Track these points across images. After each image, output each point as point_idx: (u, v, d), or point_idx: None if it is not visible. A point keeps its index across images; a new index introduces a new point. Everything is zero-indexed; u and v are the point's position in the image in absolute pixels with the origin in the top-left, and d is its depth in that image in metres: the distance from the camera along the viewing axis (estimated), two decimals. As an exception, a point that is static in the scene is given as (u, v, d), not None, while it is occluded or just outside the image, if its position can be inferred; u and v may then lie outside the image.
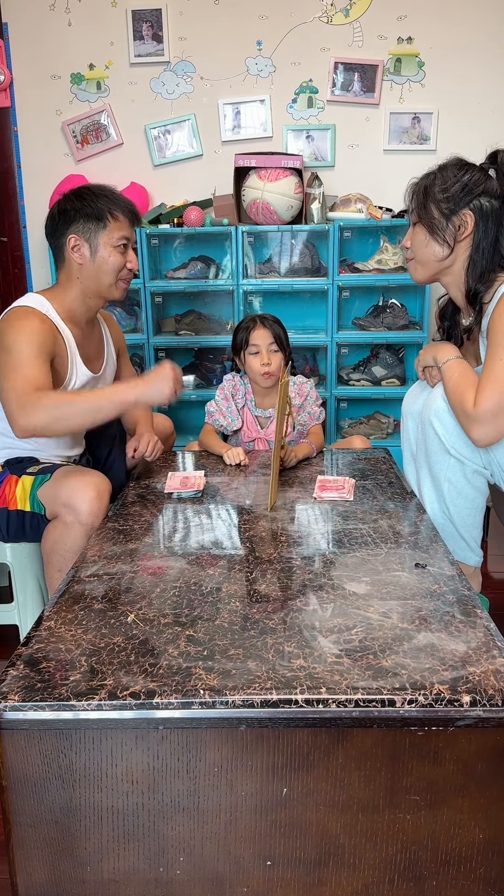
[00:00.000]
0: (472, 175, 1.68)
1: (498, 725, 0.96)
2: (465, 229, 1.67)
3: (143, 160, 3.23)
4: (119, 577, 1.33)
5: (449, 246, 1.70)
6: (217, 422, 2.25)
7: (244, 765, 0.98)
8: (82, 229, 1.85)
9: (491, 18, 3.03)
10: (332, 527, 1.56)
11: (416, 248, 1.77)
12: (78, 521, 1.65)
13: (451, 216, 1.68)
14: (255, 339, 2.19)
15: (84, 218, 1.85)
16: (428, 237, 1.72)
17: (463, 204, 1.67)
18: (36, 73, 3.16)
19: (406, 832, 1.00)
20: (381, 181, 3.16)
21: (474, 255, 1.68)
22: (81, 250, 1.86)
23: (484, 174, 1.69)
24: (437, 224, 1.70)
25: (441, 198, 1.68)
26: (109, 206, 1.87)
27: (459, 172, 1.69)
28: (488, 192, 1.66)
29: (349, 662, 1.03)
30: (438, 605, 1.20)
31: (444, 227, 1.69)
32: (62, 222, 1.86)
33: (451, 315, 1.89)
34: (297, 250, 3.16)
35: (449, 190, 1.67)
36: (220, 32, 3.08)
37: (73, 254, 1.86)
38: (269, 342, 2.18)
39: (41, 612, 1.22)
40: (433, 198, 1.69)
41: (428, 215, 1.70)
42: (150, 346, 3.10)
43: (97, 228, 1.85)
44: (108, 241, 1.86)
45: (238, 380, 2.30)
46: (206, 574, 1.34)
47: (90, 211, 1.85)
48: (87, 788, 0.99)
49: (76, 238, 1.85)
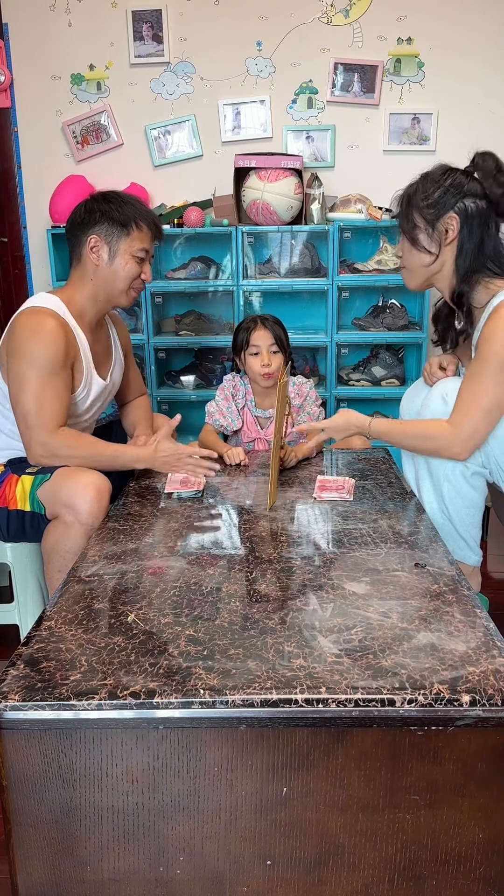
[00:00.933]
0: (454, 178, 1.69)
1: (498, 725, 0.96)
2: (451, 232, 1.68)
3: (143, 160, 3.23)
4: (119, 577, 1.33)
5: (433, 253, 1.71)
6: (217, 422, 2.25)
7: (244, 764, 0.98)
8: (105, 232, 1.85)
9: (491, 19, 3.03)
10: (332, 527, 1.56)
11: (405, 258, 1.79)
12: (78, 521, 1.65)
13: (435, 222, 1.69)
14: (255, 339, 2.20)
15: (109, 221, 1.85)
16: (411, 247, 1.74)
17: (447, 208, 1.68)
18: (36, 74, 3.16)
19: (406, 832, 1.00)
20: (381, 182, 3.16)
21: (458, 258, 1.69)
22: (100, 252, 1.86)
23: (468, 177, 1.69)
24: (418, 233, 1.71)
25: (424, 205, 1.69)
26: (136, 216, 1.87)
27: (442, 178, 1.70)
28: (472, 193, 1.67)
29: (349, 662, 1.03)
30: (438, 605, 1.20)
31: (429, 233, 1.70)
32: (86, 221, 1.86)
33: (446, 318, 1.90)
34: (297, 251, 3.16)
35: (431, 196, 1.69)
36: (220, 33, 3.08)
37: (90, 254, 1.86)
38: (269, 343, 2.19)
39: (41, 612, 1.23)
40: (416, 206, 1.71)
41: (410, 225, 1.72)
42: (151, 346, 3.10)
43: (120, 234, 1.86)
44: (127, 249, 1.87)
45: (238, 380, 2.30)
46: (206, 574, 1.34)
47: (116, 216, 1.85)
48: (87, 788, 0.99)
49: (97, 239, 1.85)
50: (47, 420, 1.70)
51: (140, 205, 1.92)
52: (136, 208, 1.89)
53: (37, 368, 1.71)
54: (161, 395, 3.18)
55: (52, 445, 1.71)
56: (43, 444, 1.72)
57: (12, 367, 1.74)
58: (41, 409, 1.70)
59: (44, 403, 1.71)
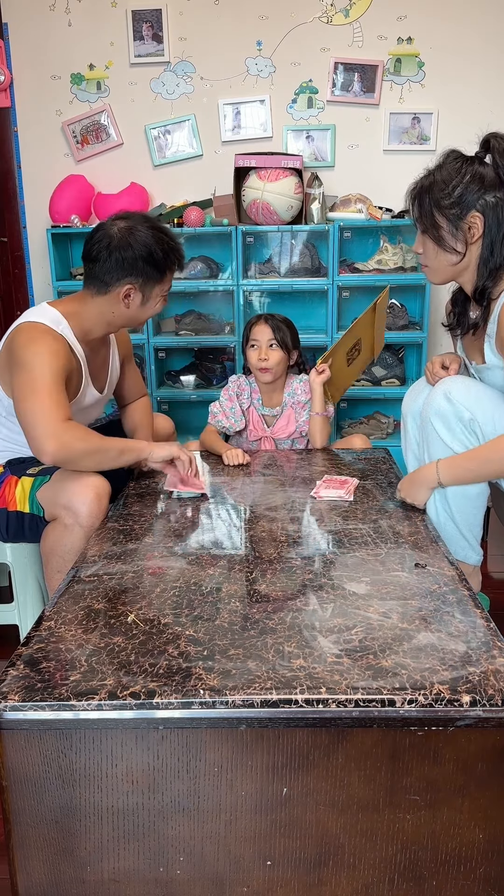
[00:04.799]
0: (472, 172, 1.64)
1: (498, 725, 0.96)
2: (476, 231, 1.65)
3: (143, 160, 3.23)
4: (119, 577, 1.33)
5: (460, 252, 1.68)
6: (220, 423, 2.25)
7: (244, 765, 0.98)
8: (142, 282, 1.80)
9: (491, 19, 3.03)
10: (332, 527, 1.56)
11: (429, 257, 1.74)
12: (77, 523, 1.65)
13: (459, 222, 1.65)
14: (255, 334, 2.22)
15: (148, 273, 1.79)
16: (437, 248, 1.70)
17: (470, 206, 1.63)
18: (36, 74, 3.16)
19: (406, 832, 1.00)
20: (381, 181, 3.16)
21: (485, 253, 1.66)
22: (133, 299, 1.82)
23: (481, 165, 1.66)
24: (445, 234, 1.67)
25: (446, 203, 1.65)
26: (173, 258, 1.83)
27: (459, 173, 1.66)
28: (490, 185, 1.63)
29: (349, 662, 1.03)
30: (438, 605, 1.20)
31: (453, 233, 1.66)
32: (121, 268, 1.78)
33: (463, 302, 1.87)
34: (297, 250, 3.16)
35: (452, 195, 1.64)
36: (220, 32, 3.08)
37: (122, 299, 1.81)
38: (267, 338, 2.19)
39: (41, 612, 1.22)
40: (438, 205, 1.66)
41: (435, 226, 1.68)
42: (150, 346, 3.10)
43: (155, 281, 1.82)
44: (159, 293, 1.85)
45: (243, 379, 2.30)
46: (206, 574, 1.34)
47: (153, 265, 1.79)
48: (87, 788, 0.99)
49: (132, 289, 1.80)
50: (56, 416, 1.65)
51: (171, 240, 1.84)
52: (169, 248, 1.82)
53: (39, 374, 1.68)
54: (161, 394, 3.18)
55: (64, 438, 1.64)
56: (56, 436, 1.63)
57: (15, 379, 1.71)
58: (49, 409, 1.66)
59: (50, 402, 1.66)
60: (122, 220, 1.82)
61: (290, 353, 2.24)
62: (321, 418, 2.20)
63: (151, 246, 1.78)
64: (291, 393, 2.27)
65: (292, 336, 2.24)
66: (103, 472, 1.76)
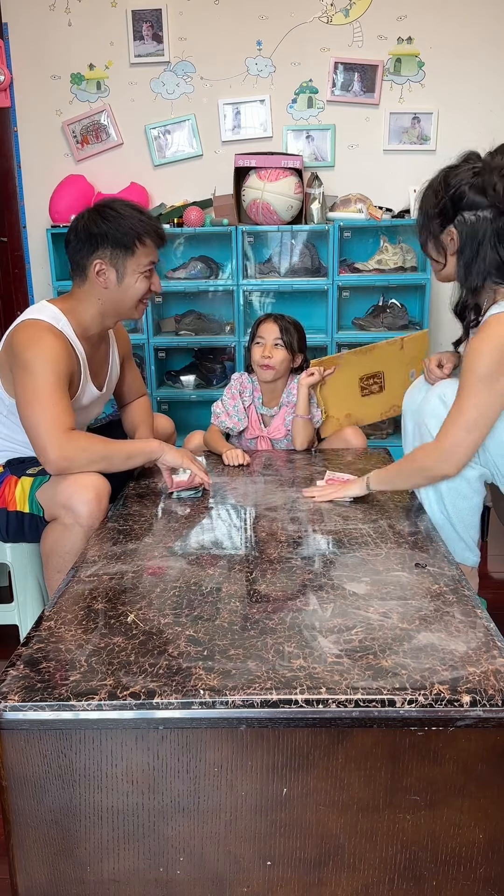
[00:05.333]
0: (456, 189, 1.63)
1: (498, 725, 0.96)
2: (452, 246, 1.67)
3: (143, 160, 3.23)
4: (119, 577, 1.33)
5: (440, 262, 1.72)
6: (223, 424, 2.25)
7: (244, 765, 0.98)
8: (109, 255, 1.78)
9: (491, 19, 3.03)
10: (333, 527, 1.56)
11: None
12: (77, 523, 1.65)
13: (438, 234, 1.68)
14: (262, 331, 2.21)
15: (111, 243, 1.78)
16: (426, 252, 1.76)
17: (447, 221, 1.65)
18: (36, 73, 3.16)
19: (406, 832, 1.00)
20: (381, 181, 3.16)
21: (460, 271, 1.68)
22: (107, 275, 1.80)
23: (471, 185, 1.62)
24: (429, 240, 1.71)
25: (432, 213, 1.68)
26: (138, 231, 1.79)
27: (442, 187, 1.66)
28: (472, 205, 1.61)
29: (349, 662, 1.03)
30: (438, 605, 1.20)
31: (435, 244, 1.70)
32: (87, 244, 1.79)
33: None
34: (297, 250, 3.16)
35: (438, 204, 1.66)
36: (220, 32, 3.08)
37: (97, 277, 1.80)
38: (273, 336, 2.19)
39: (41, 612, 1.22)
40: (425, 214, 1.70)
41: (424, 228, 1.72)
42: (150, 346, 3.10)
43: (125, 255, 1.79)
44: (135, 269, 1.81)
45: (246, 377, 2.30)
46: (206, 574, 1.34)
47: (118, 236, 1.78)
48: (87, 788, 0.99)
49: (102, 263, 1.79)
50: (59, 425, 1.66)
51: (140, 214, 1.84)
52: (136, 221, 1.80)
53: (42, 377, 1.68)
54: (161, 394, 3.18)
55: (67, 449, 1.66)
56: (59, 447, 1.65)
57: (18, 381, 1.71)
58: (52, 417, 1.66)
59: (54, 410, 1.67)
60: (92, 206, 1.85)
61: (295, 356, 2.23)
62: (302, 421, 2.19)
63: (115, 218, 1.78)
64: (288, 392, 2.26)
65: (299, 339, 2.23)
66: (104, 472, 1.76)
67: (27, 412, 1.67)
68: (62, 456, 1.66)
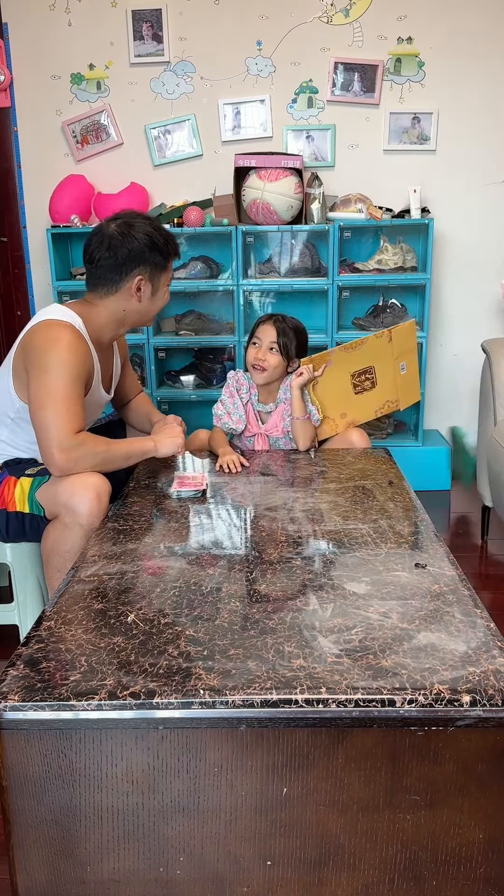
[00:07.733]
0: None
1: (498, 725, 0.96)
2: None
3: (143, 160, 3.23)
4: (119, 577, 1.33)
5: None
6: (226, 425, 2.24)
7: (244, 765, 0.98)
8: (150, 271, 1.84)
9: (491, 19, 3.03)
10: (332, 527, 1.56)
11: None
12: (77, 523, 1.65)
13: None
14: (259, 332, 2.20)
15: (152, 262, 1.83)
16: None
17: None
18: (36, 73, 3.16)
19: (406, 832, 1.00)
20: (381, 181, 3.16)
21: None
22: (145, 291, 1.85)
23: None
24: None
25: None
26: (170, 250, 1.87)
27: None
28: None
29: (349, 662, 1.03)
30: (438, 605, 1.20)
31: None
32: (129, 261, 1.81)
33: None
34: (297, 250, 3.16)
35: None
36: (220, 32, 3.08)
37: (135, 293, 1.84)
38: (270, 339, 2.17)
39: (41, 612, 1.22)
40: None
41: None
42: (150, 346, 3.10)
43: (161, 271, 1.86)
44: (165, 282, 1.89)
45: (242, 374, 2.29)
46: (206, 574, 1.34)
47: (156, 254, 1.83)
48: (87, 788, 0.99)
49: (143, 279, 1.84)
50: (69, 429, 1.67)
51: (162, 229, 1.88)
52: (168, 235, 1.87)
53: (60, 378, 1.68)
54: (161, 394, 3.18)
55: (73, 454, 1.68)
56: (66, 450, 1.67)
57: (35, 381, 1.71)
58: (64, 420, 1.67)
59: (66, 413, 1.68)
60: (117, 219, 1.86)
61: (291, 361, 2.22)
62: (300, 422, 2.18)
63: (153, 234, 1.83)
64: (284, 389, 2.26)
65: (298, 345, 2.21)
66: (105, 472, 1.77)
67: (40, 412, 1.69)
68: (67, 458, 1.68)
